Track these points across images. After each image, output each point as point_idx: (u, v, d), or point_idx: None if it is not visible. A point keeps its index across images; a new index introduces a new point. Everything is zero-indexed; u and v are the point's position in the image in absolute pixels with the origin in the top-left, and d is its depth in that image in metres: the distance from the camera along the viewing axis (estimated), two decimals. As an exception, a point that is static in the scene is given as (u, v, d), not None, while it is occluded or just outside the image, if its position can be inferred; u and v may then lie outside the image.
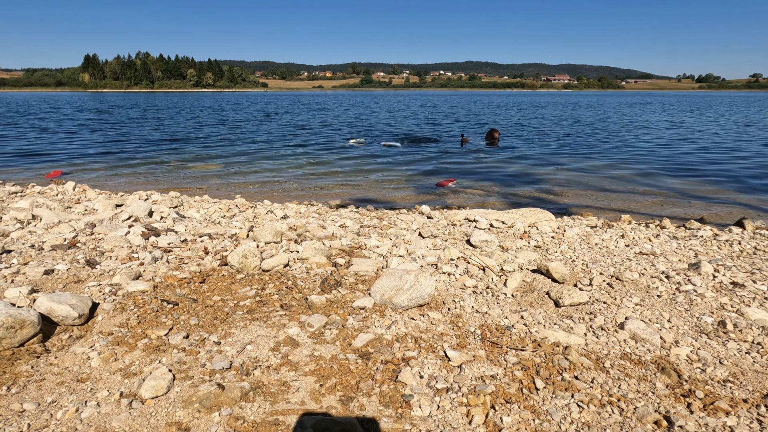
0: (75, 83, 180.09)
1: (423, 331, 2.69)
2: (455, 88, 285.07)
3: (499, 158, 12.57)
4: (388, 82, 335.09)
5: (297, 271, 3.61)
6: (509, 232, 5.05)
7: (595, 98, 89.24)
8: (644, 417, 1.95)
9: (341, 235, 4.72)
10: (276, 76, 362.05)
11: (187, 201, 6.66)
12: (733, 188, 8.88)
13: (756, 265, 3.85)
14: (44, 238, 4.23)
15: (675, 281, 3.45)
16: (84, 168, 10.83)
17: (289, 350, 2.46)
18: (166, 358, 2.36)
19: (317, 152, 13.51)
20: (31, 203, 5.73)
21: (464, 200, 7.97)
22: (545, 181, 9.51)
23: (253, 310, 2.93)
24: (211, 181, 9.49)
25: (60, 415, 1.93)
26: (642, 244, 4.55)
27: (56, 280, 3.30)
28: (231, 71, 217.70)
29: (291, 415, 1.96)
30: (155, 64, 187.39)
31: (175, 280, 3.34)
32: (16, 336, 2.39)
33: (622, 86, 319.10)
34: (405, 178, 9.85)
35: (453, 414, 1.99)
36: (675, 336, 2.64)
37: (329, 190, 8.66)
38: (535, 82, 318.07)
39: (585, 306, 3.05)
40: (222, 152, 13.49)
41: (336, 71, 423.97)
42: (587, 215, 6.65)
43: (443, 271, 3.63)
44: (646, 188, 8.87)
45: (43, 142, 15.83)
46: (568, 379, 2.22)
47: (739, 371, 2.30)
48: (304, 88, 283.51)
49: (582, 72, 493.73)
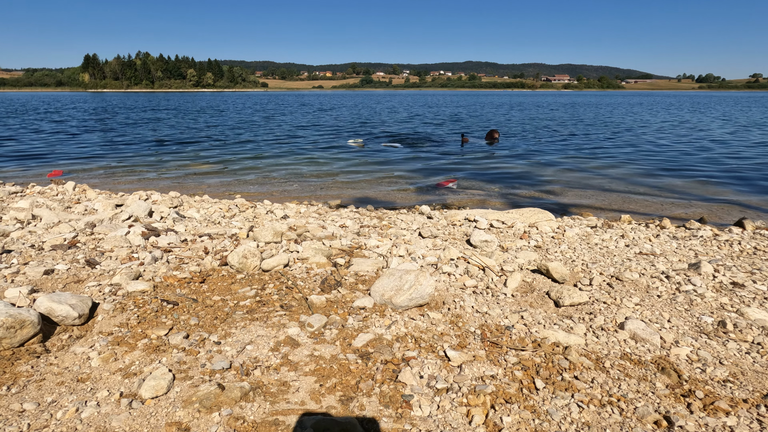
0: (75, 83, 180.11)
1: (423, 331, 2.69)
2: (455, 88, 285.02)
3: (500, 158, 12.58)
4: (388, 82, 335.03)
5: (297, 271, 3.61)
6: (509, 232, 5.05)
7: (595, 98, 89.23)
8: (644, 417, 1.95)
9: (341, 235, 4.72)
10: (276, 76, 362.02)
11: (187, 201, 6.66)
12: (733, 188, 8.88)
13: (756, 265, 3.85)
14: (44, 238, 4.23)
15: (675, 281, 3.45)
16: (84, 168, 10.83)
17: (289, 350, 2.46)
18: (166, 358, 2.36)
19: (317, 152, 13.52)
20: (31, 203, 5.73)
21: (464, 200, 7.97)
22: (545, 181, 9.51)
23: (253, 310, 2.93)
24: (211, 181, 9.49)
25: (60, 415, 1.93)
26: (642, 244, 4.55)
27: (56, 280, 3.30)
28: (231, 71, 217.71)
29: (291, 415, 1.96)
30: (155, 64, 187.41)
31: (175, 280, 3.34)
32: (16, 336, 2.39)
33: (622, 86, 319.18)
34: (405, 178, 9.85)
35: (453, 414, 1.99)
36: (675, 336, 2.64)
37: (329, 190, 8.66)
38: (535, 82, 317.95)
39: (585, 306, 3.05)
40: (222, 152, 13.49)
41: (336, 71, 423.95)
42: (587, 215, 6.65)
43: (443, 271, 3.63)
44: (646, 188, 8.87)
45: (44, 142, 15.83)
46: (568, 379, 2.22)
47: (739, 371, 2.30)
48: (304, 88, 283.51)
49: (582, 72, 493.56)
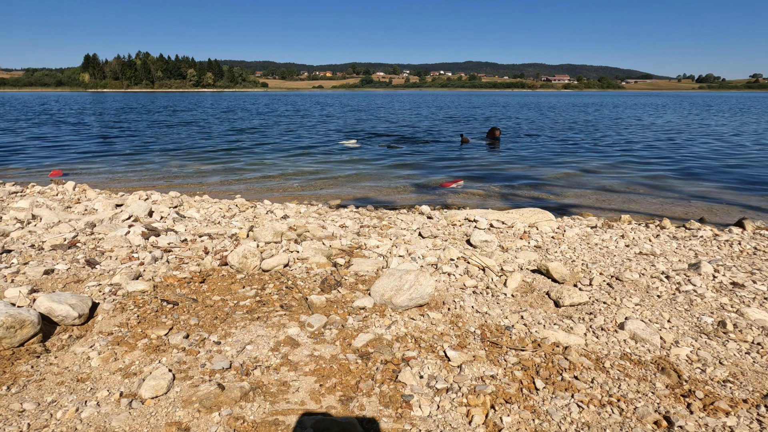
0: (75, 83, 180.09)
1: (423, 331, 2.69)
2: (455, 88, 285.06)
3: (499, 158, 12.58)
4: (388, 82, 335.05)
5: (297, 271, 3.61)
6: (509, 232, 5.05)
7: (595, 98, 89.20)
8: (644, 417, 1.95)
9: (341, 235, 4.72)
10: (276, 76, 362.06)
11: (187, 201, 6.66)
12: (733, 188, 8.88)
13: (756, 266, 3.85)
14: (44, 238, 4.23)
15: (675, 281, 3.45)
16: (84, 168, 10.84)
17: (289, 350, 2.46)
18: (166, 358, 2.36)
19: (318, 152, 13.52)
20: (31, 203, 5.73)
21: (464, 200, 7.97)
22: (545, 181, 9.51)
23: (253, 310, 2.93)
24: (211, 181, 9.49)
25: (60, 414, 1.93)
26: (642, 245, 4.55)
27: (56, 279, 3.30)
28: (231, 71, 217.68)
29: (291, 415, 1.96)
30: (155, 64, 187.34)
31: (175, 280, 3.34)
32: (16, 336, 2.39)
33: (622, 86, 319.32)
34: (405, 178, 9.85)
35: (453, 414, 1.99)
36: (675, 336, 2.64)
37: (329, 190, 8.66)
38: (535, 82, 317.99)
39: (585, 306, 3.05)
40: (222, 152, 13.49)
41: (336, 71, 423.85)
42: (587, 215, 6.65)
43: (443, 271, 3.63)
44: (646, 188, 8.87)
45: (44, 141, 15.83)
46: (568, 379, 2.22)
47: (739, 371, 2.30)
48: (304, 88, 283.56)
49: (582, 72, 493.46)
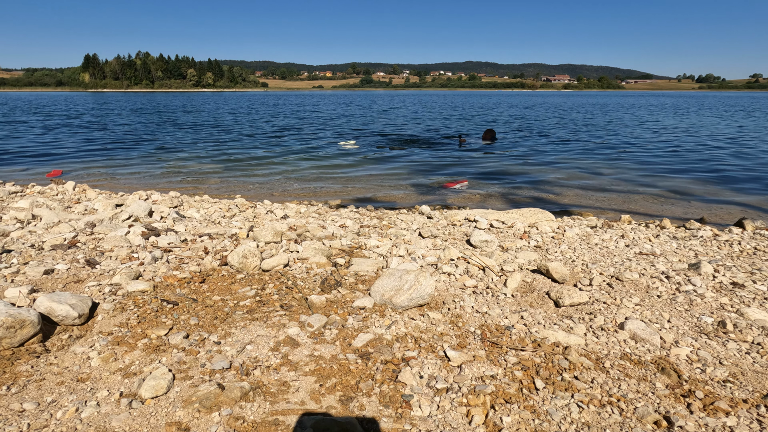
0: (75, 83, 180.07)
1: (423, 331, 2.69)
2: (455, 88, 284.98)
3: (499, 158, 12.58)
4: (388, 82, 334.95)
5: (297, 271, 3.61)
6: (509, 232, 5.05)
7: (595, 99, 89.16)
8: (644, 417, 1.95)
9: (341, 235, 4.72)
10: (276, 76, 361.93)
11: (187, 201, 6.66)
12: (733, 188, 8.88)
13: (756, 266, 3.85)
14: (44, 238, 4.23)
15: (675, 281, 3.45)
16: (84, 168, 10.84)
17: (289, 350, 2.46)
18: (166, 358, 2.36)
19: (318, 153, 13.52)
20: (31, 203, 5.73)
21: (464, 200, 7.97)
22: (545, 182, 9.51)
23: (253, 310, 2.93)
24: (211, 180, 9.49)
25: (60, 414, 1.93)
26: (642, 245, 4.55)
27: (56, 279, 3.30)
28: (231, 71, 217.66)
29: (291, 415, 1.96)
30: (155, 64, 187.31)
31: (175, 280, 3.34)
32: (16, 336, 2.39)
33: (622, 86, 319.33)
34: (405, 178, 9.85)
35: (453, 414, 1.99)
36: (675, 336, 2.64)
37: (329, 190, 8.66)
38: (535, 82, 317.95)
39: (585, 306, 3.05)
40: (222, 152, 13.49)
41: (336, 71, 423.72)
42: (587, 215, 6.65)
43: (443, 271, 3.63)
44: (646, 188, 8.88)
45: (43, 141, 15.83)
46: (568, 380, 2.22)
47: (739, 371, 2.30)
48: (304, 88, 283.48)
49: (582, 72, 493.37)
